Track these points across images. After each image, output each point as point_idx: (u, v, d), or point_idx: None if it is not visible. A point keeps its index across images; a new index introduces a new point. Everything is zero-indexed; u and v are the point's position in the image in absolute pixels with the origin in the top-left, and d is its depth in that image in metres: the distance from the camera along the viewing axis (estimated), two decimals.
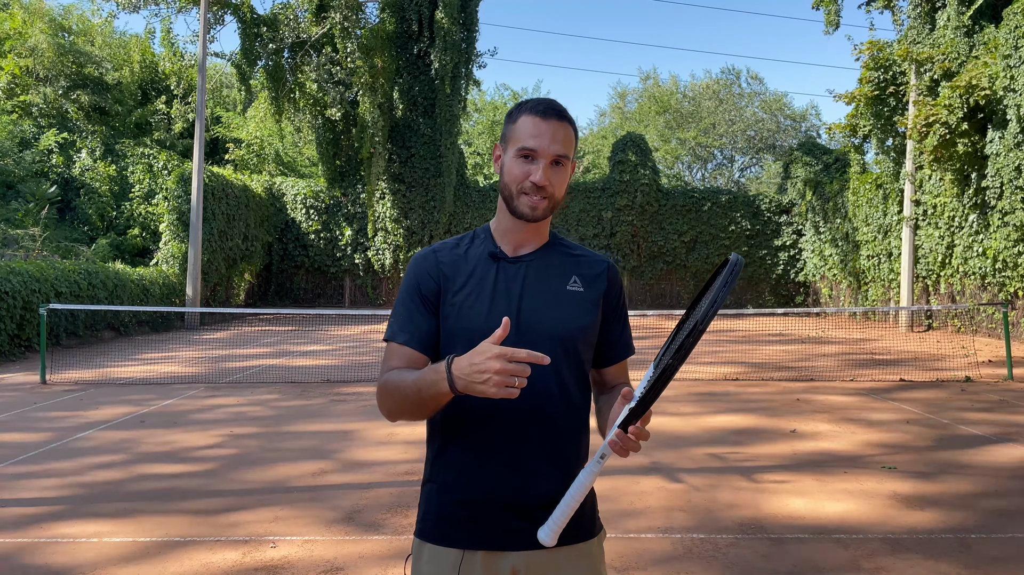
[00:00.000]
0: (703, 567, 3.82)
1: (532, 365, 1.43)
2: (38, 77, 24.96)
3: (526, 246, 1.73)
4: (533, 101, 1.70)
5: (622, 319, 1.81)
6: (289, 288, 25.13)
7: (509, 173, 1.67)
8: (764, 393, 9.06)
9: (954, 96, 13.94)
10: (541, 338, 1.64)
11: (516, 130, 1.68)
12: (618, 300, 1.79)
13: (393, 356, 1.68)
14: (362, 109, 22.78)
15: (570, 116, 1.70)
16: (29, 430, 7.12)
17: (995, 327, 14.68)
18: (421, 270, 1.72)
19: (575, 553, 1.67)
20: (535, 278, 1.70)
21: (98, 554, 4.02)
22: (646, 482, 5.30)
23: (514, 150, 1.67)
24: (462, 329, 1.66)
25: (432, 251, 1.75)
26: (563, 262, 1.75)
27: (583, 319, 1.70)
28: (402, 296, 1.73)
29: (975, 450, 6.24)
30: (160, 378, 10.35)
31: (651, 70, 48.19)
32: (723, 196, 24.87)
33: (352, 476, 5.51)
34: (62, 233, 21.80)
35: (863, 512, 4.65)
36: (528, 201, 1.65)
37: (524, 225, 1.71)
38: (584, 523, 1.70)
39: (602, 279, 1.76)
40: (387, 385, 1.62)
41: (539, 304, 1.68)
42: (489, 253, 1.72)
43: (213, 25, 21.75)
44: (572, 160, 1.72)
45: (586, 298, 1.72)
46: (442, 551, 1.64)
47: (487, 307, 1.66)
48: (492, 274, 1.69)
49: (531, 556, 1.63)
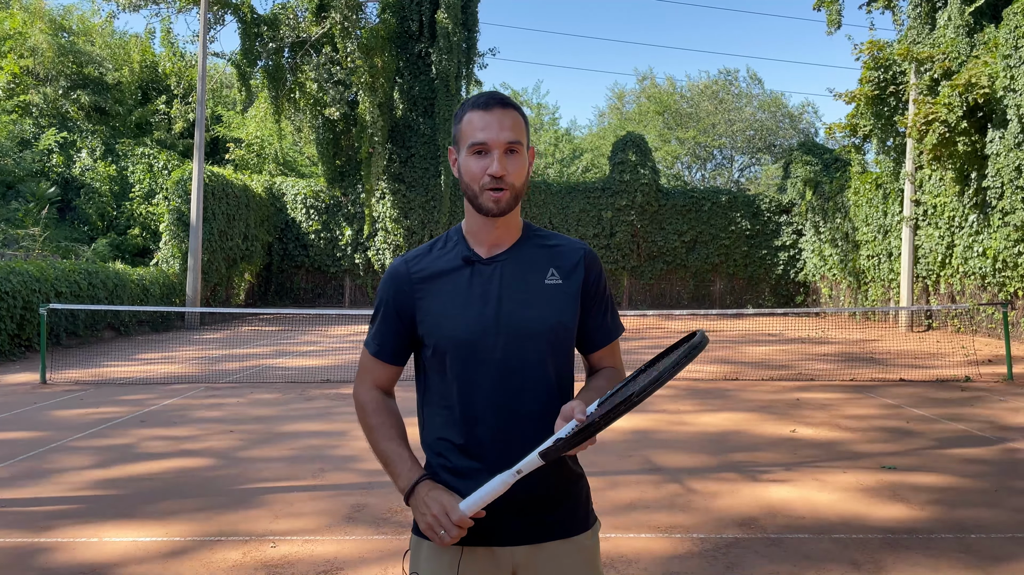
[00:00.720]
0: (703, 567, 3.82)
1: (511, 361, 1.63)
2: (38, 77, 24.96)
3: (500, 244, 1.72)
4: (474, 97, 1.69)
5: (604, 303, 1.80)
6: (289, 288, 25.14)
7: (467, 172, 1.66)
8: (764, 393, 9.05)
9: (953, 95, 13.94)
10: (524, 338, 1.65)
11: (463, 129, 1.67)
12: (597, 286, 1.77)
13: (367, 366, 1.80)
14: (361, 109, 22.79)
15: (514, 103, 1.68)
16: (29, 430, 7.12)
17: (995, 327, 14.68)
18: (395, 285, 1.73)
19: (571, 546, 1.70)
20: (512, 277, 1.69)
21: (98, 554, 4.02)
22: (646, 482, 5.30)
23: (466, 148, 1.66)
24: (439, 336, 1.67)
25: (404, 262, 1.75)
26: (538, 255, 1.73)
27: (564, 313, 1.70)
28: (377, 306, 1.76)
29: (975, 450, 6.24)
30: (160, 378, 10.35)
31: (647, 70, 48.20)
32: (723, 196, 24.88)
33: (352, 476, 5.51)
34: (62, 233, 21.80)
35: (863, 512, 4.65)
36: (490, 196, 1.64)
37: (493, 222, 1.69)
38: (579, 516, 1.73)
39: (579, 268, 1.74)
40: (367, 424, 1.76)
41: (518, 304, 1.67)
42: (463, 257, 1.71)
43: (213, 25, 21.75)
44: (529, 147, 1.70)
45: (565, 290, 1.72)
46: (441, 548, 1.65)
47: (462, 313, 1.66)
48: (466, 279, 1.69)
49: (529, 551, 1.66)
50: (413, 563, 1.71)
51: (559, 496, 1.70)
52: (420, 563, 1.69)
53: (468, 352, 1.65)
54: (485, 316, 1.65)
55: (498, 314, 1.66)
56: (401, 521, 4.50)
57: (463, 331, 1.65)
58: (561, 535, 1.69)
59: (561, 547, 1.68)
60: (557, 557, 1.68)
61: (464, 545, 1.64)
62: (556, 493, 1.69)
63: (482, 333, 1.65)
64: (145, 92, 27.65)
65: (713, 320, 20.56)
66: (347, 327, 18.88)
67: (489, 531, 1.63)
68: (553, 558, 1.67)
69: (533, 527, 1.66)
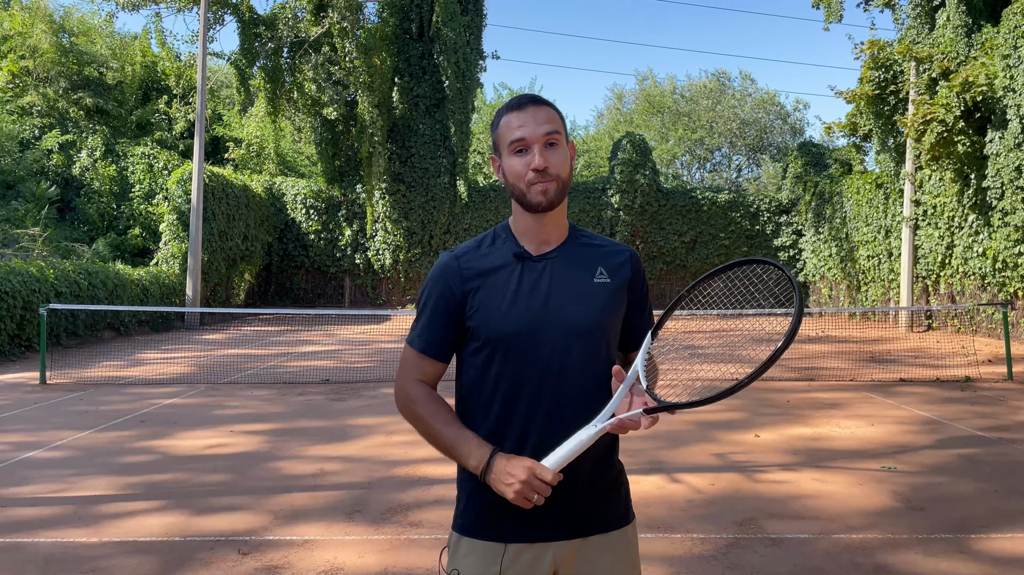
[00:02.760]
0: (703, 567, 3.82)
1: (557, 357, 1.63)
2: (38, 77, 24.95)
3: (549, 243, 1.74)
4: (506, 104, 1.74)
5: (645, 305, 1.85)
6: (289, 288, 25.13)
7: (511, 172, 1.69)
8: (764, 393, 9.05)
9: (951, 95, 13.94)
10: (571, 335, 1.67)
11: (501, 132, 1.71)
12: (642, 287, 1.82)
13: (412, 363, 1.75)
14: (360, 109, 22.79)
15: (546, 100, 1.72)
16: (29, 430, 7.12)
17: (995, 327, 14.68)
18: (445, 280, 1.72)
19: (612, 540, 1.72)
20: (562, 274, 1.71)
21: (98, 554, 4.02)
22: (646, 482, 5.30)
23: (506, 149, 1.69)
24: (488, 330, 1.67)
25: (454, 257, 1.75)
26: (587, 254, 1.76)
27: (611, 310, 1.73)
28: (425, 301, 1.75)
29: (975, 450, 6.24)
30: (160, 378, 10.35)
31: (647, 71, 48.25)
32: (723, 196, 24.88)
33: (352, 476, 5.50)
34: (62, 233, 21.78)
35: (863, 512, 4.65)
36: (538, 190, 1.66)
37: (542, 218, 1.71)
38: (619, 511, 1.75)
39: (626, 267, 1.78)
40: (413, 406, 1.71)
41: (568, 300, 1.69)
42: (514, 253, 1.72)
43: (213, 25, 21.74)
44: (569, 140, 1.72)
45: (613, 288, 1.74)
46: (483, 545, 1.66)
47: (511, 307, 1.67)
48: (516, 274, 1.70)
49: (571, 546, 1.67)
50: (451, 561, 1.70)
51: (603, 491, 1.70)
52: (458, 560, 1.68)
53: (516, 346, 1.65)
54: (535, 311, 1.66)
55: (548, 309, 1.67)
56: (401, 522, 4.50)
57: (512, 325, 1.65)
58: (602, 530, 1.70)
59: (602, 542, 1.70)
60: (598, 552, 1.69)
61: (506, 542, 1.64)
62: (600, 488, 1.70)
63: (531, 327, 1.65)
64: (146, 92, 27.65)
65: (713, 320, 20.56)
66: (347, 327, 18.88)
67: (532, 527, 1.64)
68: (594, 553, 1.69)
69: (575, 523, 1.67)
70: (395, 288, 24.90)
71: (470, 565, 1.66)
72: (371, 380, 10.09)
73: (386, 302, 24.74)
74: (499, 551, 1.64)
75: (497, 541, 1.64)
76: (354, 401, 8.58)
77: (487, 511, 1.66)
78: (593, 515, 1.68)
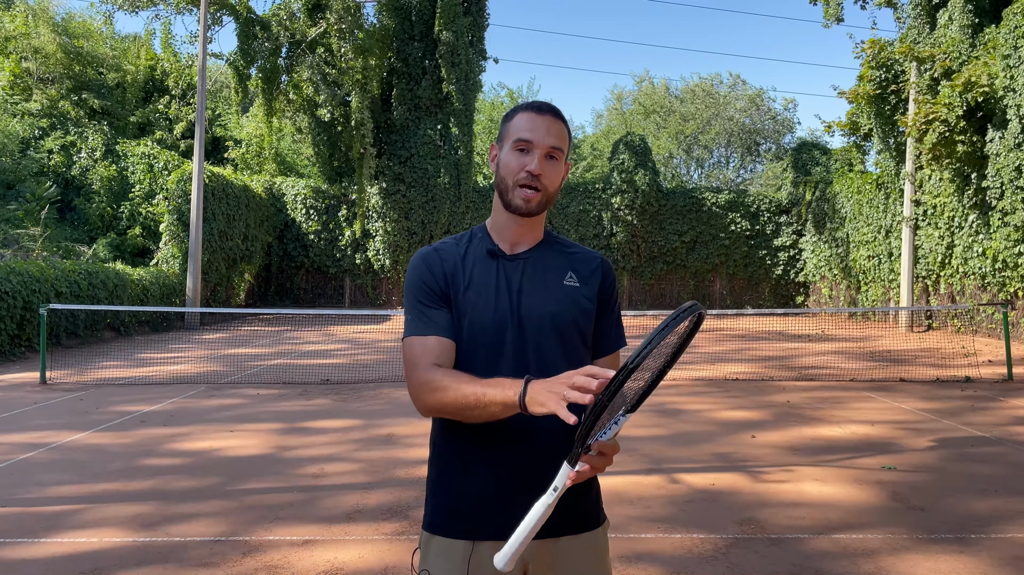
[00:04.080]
0: (703, 567, 3.82)
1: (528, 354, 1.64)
2: (40, 78, 24.96)
3: (522, 243, 1.77)
4: (528, 102, 1.76)
5: (614, 313, 1.85)
6: (289, 288, 25.13)
7: (506, 166, 1.71)
8: (764, 393, 9.05)
9: (953, 95, 13.94)
10: (539, 331, 1.69)
11: (511, 126, 1.73)
12: (611, 294, 1.83)
13: (423, 349, 1.67)
14: (353, 109, 22.79)
15: (564, 117, 1.75)
16: (29, 430, 7.12)
17: (995, 327, 14.68)
18: (427, 265, 1.74)
19: (582, 542, 1.72)
20: (532, 274, 1.74)
21: (97, 554, 4.02)
22: (646, 482, 5.30)
23: (510, 143, 1.71)
24: (470, 324, 1.69)
25: (434, 250, 1.78)
26: (558, 258, 1.79)
27: (579, 313, 1.74)
28: (411, 296, 1.73)
29: (975, 450, 6.24)
30: (160, 378, 10.35)
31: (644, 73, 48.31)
32: (723, 196, 24.87)
33: (352, 476, 5.50)
34: (62, 233, 21.78)
35: (863, 512, 4.65)
36: (522, 194, 1.68)
37: (519, 221, 1.74)
38: (590, 513, 1.75)
39: (596, 273, 1.80)
40: (435, 383, 1.60)
41: (537, 299, 1.71)
42: (487, 251, 1.75)
43: (212, 26, 21.73)
44: (567, 161, 1.76)
45: (582, 292, 1.76)
46: (451, 543, 1.66)
47: (492, 303, 1.69)
48: (493, 271, 1.73)
49: (541, 546, 1.66)
50: (423, 561, 1.71)
51: (575, 492, 1.70)
52: (430, 559, 1.69)
53: (486, 341, 1.67)
54: (505, 306, 1.69)
55: (518, 306, 1.69)
56: (401, 522, 4.51)
57: (486, 319, 1.68)
58: (573, 531, 1.70)
59: (573, 542, 1.70)
60: (569, 552, 1.69)
61: (475, 540, 1.65)
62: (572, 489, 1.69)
63: (502, 323, 1.68)
64: (148, 92, 27.66)
65: (713, 320, 20.56)
66: (347, 327, 18.89)
67: (502, 526, 1.62)
68: (565, 553, 1.69)
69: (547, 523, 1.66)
70: (395, 288, 24.90)
71: (439, 564, 1.66)
72: (371, 380, 10.10)
73: (386, 302, 24.73)
74: (467, 549, 1.65)
75: (465, 539, 1.64)
76: (354, 401, 8.58)
77: (455, 510, 1.67)
78: (565, 515, 1.68)
